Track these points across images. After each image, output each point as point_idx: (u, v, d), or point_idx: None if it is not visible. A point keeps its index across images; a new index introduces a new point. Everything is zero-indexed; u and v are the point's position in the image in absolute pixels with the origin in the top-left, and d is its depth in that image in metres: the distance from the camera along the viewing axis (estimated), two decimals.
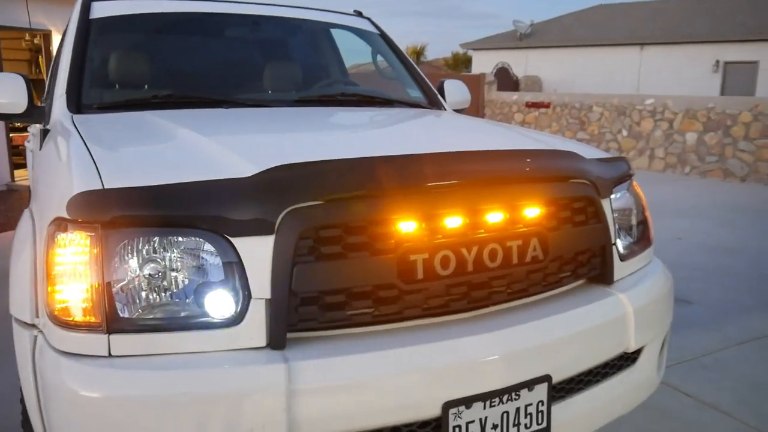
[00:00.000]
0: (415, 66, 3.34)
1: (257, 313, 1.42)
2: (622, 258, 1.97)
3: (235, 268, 1.42)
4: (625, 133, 12.16)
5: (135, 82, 2.69)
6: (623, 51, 21.89)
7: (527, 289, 1.72)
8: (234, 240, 1.42)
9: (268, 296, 1.42)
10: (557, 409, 1.67)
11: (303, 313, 1.45)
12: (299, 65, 3.20)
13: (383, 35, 3.45)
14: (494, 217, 1.63)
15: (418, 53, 34.14)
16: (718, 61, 19.85)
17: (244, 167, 1.51)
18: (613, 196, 1.98)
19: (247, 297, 1.42)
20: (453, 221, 1.57)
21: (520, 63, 24.05)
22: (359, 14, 3.53)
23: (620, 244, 1.98)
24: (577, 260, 1.83)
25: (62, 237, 1.44)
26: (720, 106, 10.60)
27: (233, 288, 1.42)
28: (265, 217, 1.42)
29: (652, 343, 1.97)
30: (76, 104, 2.36)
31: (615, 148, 12.27)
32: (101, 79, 2.64)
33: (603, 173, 1.94)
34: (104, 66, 2.67)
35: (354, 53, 3.66)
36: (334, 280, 1.46)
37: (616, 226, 1.97)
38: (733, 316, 4.22)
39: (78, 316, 1.40)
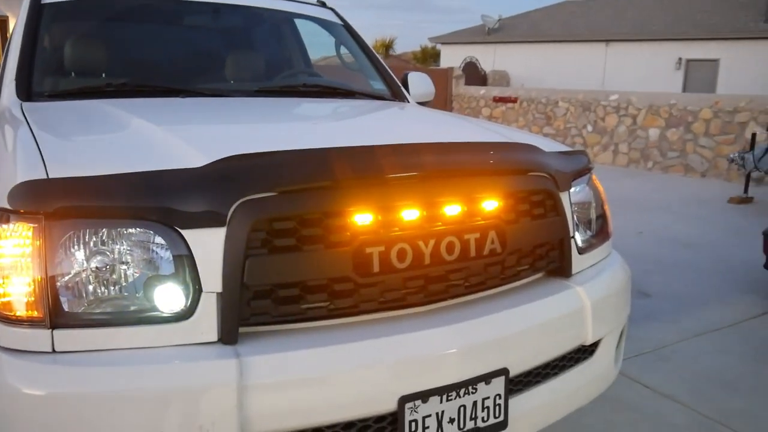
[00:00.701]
0: (379, 58, 3.32)
1: (208, 308, 1.38)
2: (581, 251, 1.98)
3: (185, 261, 1.38)
4: (590, 128, 12.32)
5: (88, 69, 2.60)
6: (589, 47, 22.17)
7: (485, 283, 1.71)
8: (184, 232, 1.38)
9: (220, 290, 1.38)
10: (515, 402, 1.67)
11: (255, 307, 1.42)
12: (260, 55, 3.15)
13: (347, 26, 3.41)
14: (452, 209, 1.62)
15: (387, 46, 34.04)
16: (680, 59, 20.25)
17: (195, 157, 1.46)
18: (572, 190, 1.99)
19: (198, 291, 1.38)
20: (410, 214, 1.56)
21: (488, 58, 24.19)
22: (323, 4, 3.48)
23: (579, 238, 1.99)
24: (536, 253, 1.83)
25: (3, 228, 1.38)
26: (682, 102, 10.81)
27: (183, 281, 1.38)
28: (216, 209, 1.38)
29: (609, 335, 1.98)
30: (26, 91, 2.28)
31: (580, 143, 12.42)
32: (53, 66, 2.55)
33: (562, 166, 1.94)
34: (56, 52, 2.58)
35: (321, 45, 3.61)
36: (287, 273, 1.43)
37: (575, 220, 1.98)
38: (691, 308, 4.30)
39: (20, 311, 1.35)
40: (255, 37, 3.26)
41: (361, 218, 1.50)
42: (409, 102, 3.09)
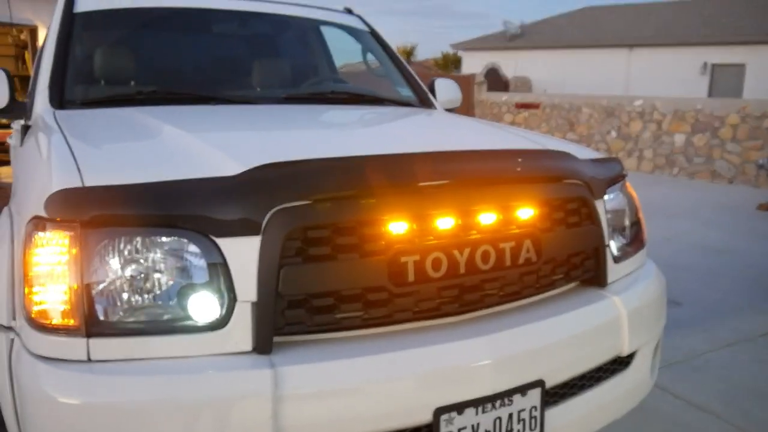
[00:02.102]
0: (406, 64, 3.30)
1: (243, 317, 1.37)
2: (616, 260, 1.94)
3: (219, 269, 1.37)
4: (614, 134, 12.19)
5: (119, 77, 2.63)
6: (612, 52, 21.98)
7: (519, 292, 1.68)
8: (219, 240, 1.37)
9: (254, 299, 1.37)
10: (551, 414, 1.64)
11: (290, 316, 1.41)
12: (288, 62, 3.15)
13: (373, 33, 3.41)
14: (487, 218, 1.59)
15: (408, 53, 34.12)
16: (705, 63, 19.98)
17: (229, 165, 1.46)
18: (606, 197, 1.95)
19: (233, 300, 1.37)
20: (445, 222, 1.53)
21: (510, 64, 24.09)
22: (349, 11, 3.48)
23: (614, 246, 1.95)
24: (571, 262, 1.80)
25: (40, 236, 1.38)
26: (708, 107, 10.65)
27: (218, 290, 1.38)
28: (251, 217, 1.37)
29: (645, 346, 1.94)
30: (59, 100, 2.30)
31: (604, 149, 12.30)
32: (85, 75, 2.58)
33: (596, 174, 1.91)
34: (88, 61, 2.61)
35: (345, 52, 3.61)
36: (322, 282, 1.42)
37: (610, 228, 1.94)
38: (722, 317, 4.22)
39: (56, 319, 1.35)
40: (283, 44, 3.27)
41: (396, 227, 1.48)
42: (436, 108, 3.07)
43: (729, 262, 5.61)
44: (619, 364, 1.87)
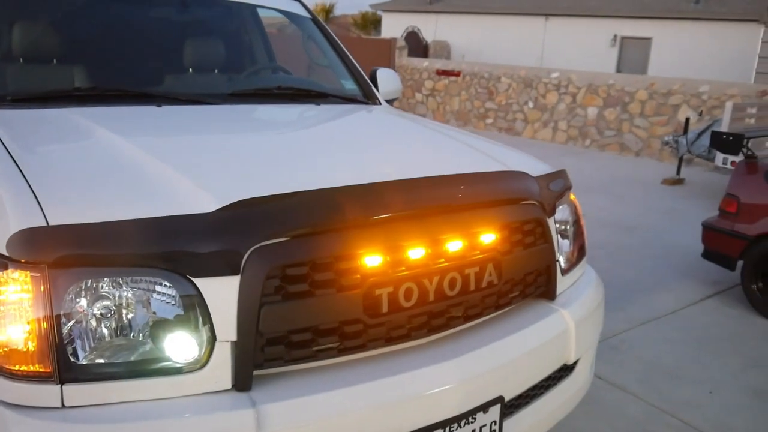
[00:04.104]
0: (349, 55, 3.27)
1: (223, 356, 1.37)
2: (563, 272, 2.05)
3: (198, 309, 1.36)
4: (531, 104, 12.57)
5: (53, 68, 2.44)
6: (529, 21, 22.42)
7: (481, 312, 1.76)
8: (196, 280, 1.35)
9: (234, 338, 1.37)
10: (507, 425, 1.75)
11: (269, 352, 1.42)
12: (231, 52, 3.04)
13: (315, 20, 3.34)
14: (454, 245, 1.65)
15: (327, 11, 33.36)
16: (615, 36, 20.80)
17: (203, 200, 1.42)
18: (555, 213, 2.04)
19: (212, 339, 1.36)
20: (415, 252, 1.57)
21: (430, 27, 24.11)
22: None
23: (561, 259, 2.06)
24: (526, 280, 1.89)
25: (1, 276, 1.31)
26: (619, 83, 11.16)
27: (196, 330, 1.36)
28: (231, 257, 1.36)
29: (587, 351, 2.08)
30: None
31: (521, 119, 12.68)
32: (8, 65, 2.38)
33: (548, 191, 2.00)
34: (15, 47, 2.40)
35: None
36: (301, 318, 1.43)
37: (558, 242, 2.05)
38: (635, 295, 4.54)
39: (24, 365, 1.29)
40: (225, 32, 3.13)
41: (370, 260, 1.51)
42: (380, 102, 3.07)
43: (638, 238, 6.00)
44: (566, 370, 2.01)
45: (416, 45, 21.95)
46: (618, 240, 5.90)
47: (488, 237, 1.72)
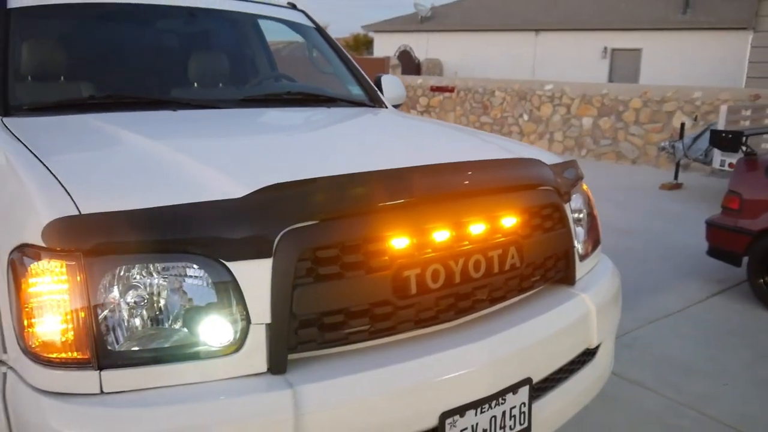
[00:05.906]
0: (353, 61, 3.32)
1: (257, 339, 1.38)
2: (581, 258, 2.08)
3: (232, 293, 1.37)
4: (526, 117, 12.67)
5: (68, 79, 2.47)
6: (520, 36, 22.69)
7: (505, 296, 1.78)
8: (230, 264, 1.37)
9: (269, 321, 1.38)
10: (536, 407, 1.76)
11: (303, 335, 1.43)
12: (238, 60, 3.09)
13: (319, 29, 3.39)
14: (477, 228, 1.67)
15: None
16: (606, 48, 21.06)
17: (231, 186, 1.44)
18: (571, 200, 2.08)
19: (246, 323, 1.37)
20: (441, 235, 1.60)
21: (422, 46, 24.35)
22: (293, 6, 3.44)
23: (578, 245, 2.08)
24: (547, 264, 1.91)
25: (35, 266, 1.32)
26: (613, 92, 11.28)
27: (231, 314, 1.37)
28: (263, 240, 1.38)
29: (608, 336, 2.10)
30: (4, 105, 2.15)
31: (517, 132, 12.77)
32: (30, 77, 2.41)
33: (563, 178, 2.03)
34: (32, 62, 2.44)
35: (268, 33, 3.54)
36: (333, 300, 1.44)
37: (575, 228, 2.07)
38: (642, 295, 4.55)
39: (62, 352, 1.30)
40: (232, 42, 3.19)
41: (398, 242, 1.53)
42: (386, 106, 3.11)
43: (641, 241, 6.02)
44: (588, 355, 2.02)
45: (408, 64, 22.18)
46: (621, 243, 5.91)
47: (509, 221, 1.75)
